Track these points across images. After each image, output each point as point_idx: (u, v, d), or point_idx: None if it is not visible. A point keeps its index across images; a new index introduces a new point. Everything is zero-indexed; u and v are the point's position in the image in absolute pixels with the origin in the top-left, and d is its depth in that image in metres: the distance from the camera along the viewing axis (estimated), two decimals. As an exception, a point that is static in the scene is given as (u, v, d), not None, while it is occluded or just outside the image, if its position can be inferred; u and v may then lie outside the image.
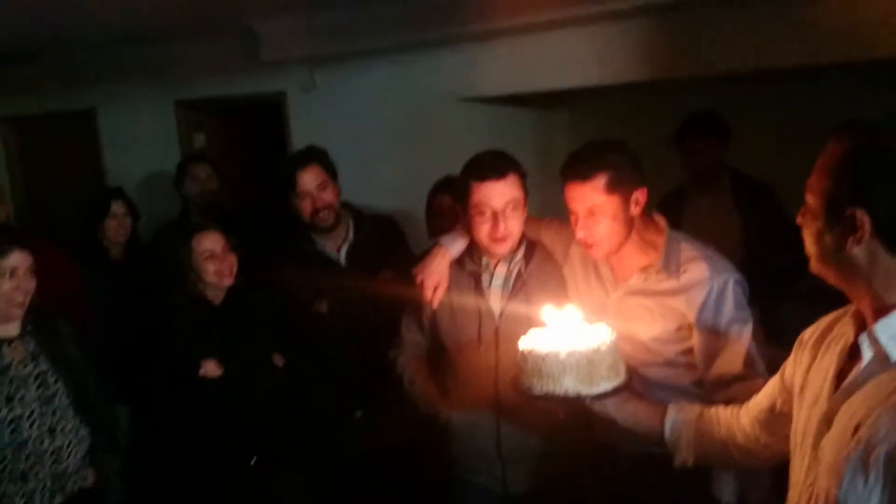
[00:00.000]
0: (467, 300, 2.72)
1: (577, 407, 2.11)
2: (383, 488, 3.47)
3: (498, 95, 4.49)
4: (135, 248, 4.22)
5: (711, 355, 2.32)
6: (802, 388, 1.66)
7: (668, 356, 2.47)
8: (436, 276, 2.73)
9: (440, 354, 2.85)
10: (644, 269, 2.48)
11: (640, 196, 2.42)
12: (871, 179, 1.38)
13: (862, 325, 1.51)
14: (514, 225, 2.60)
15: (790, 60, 3.59)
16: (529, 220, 2.74)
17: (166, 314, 3.22)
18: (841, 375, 1.52)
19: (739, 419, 1.97)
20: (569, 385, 2.02)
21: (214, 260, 3.18)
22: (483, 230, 2.60)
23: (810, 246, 1.53)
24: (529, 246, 2.75)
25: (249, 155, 5.92)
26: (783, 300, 3.69)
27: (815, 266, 1.55)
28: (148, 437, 3.44)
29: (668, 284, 2.43)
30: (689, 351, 2.43)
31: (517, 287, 2.66)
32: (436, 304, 2.74)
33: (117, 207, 4.12)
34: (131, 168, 5.69)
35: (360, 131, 4.84)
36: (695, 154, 3.98)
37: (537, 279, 2.64)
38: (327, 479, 3.43)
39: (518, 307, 2.62)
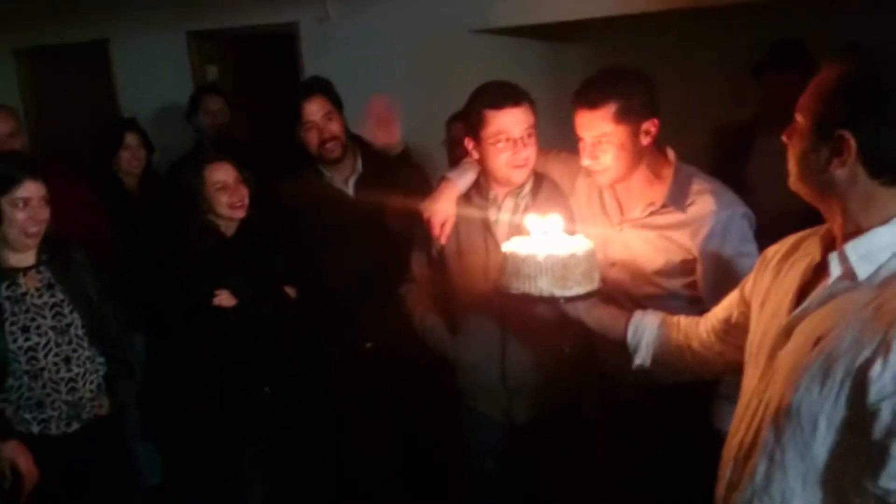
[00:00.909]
0: (475, 234, 2.73)
1: (550, 307, 2.25)
2: (392, 416, 3.52)
3: (511, 27, 4.43)
4: (150, 180, 4.22)
5: (715, 288, 2.30)
6: (763, 303, 1.74)
7: (671, 289, 2.49)
8: (443, 213, 2.74)
9: (448, 288, 2.86)
10: (650, 203, 2.48)
11: (650, 127, 2.41)
12: (860, 104, 1.41)
13: (830, 245, 1.57)
14: (531, 152, 2.61)
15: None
16: (539, 152, 2.72)
17: (180, 245, 3.24)
18: (802, 292, 1.60)
19: (697, 327, 2.08)
20: (543, 286, 2.17)
21: (226, 191, 3.18)
22: (502, 158, 2.59)
23: (793, 164, 1.57)
24: (537, 179, 2.74)
25: (262, 87, 5.88)
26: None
27: (793, 183, 1.59)
28: (163, 366, 3.49)
29: (674, 217, 2.43)
30: (693, 284, 2.44)
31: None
32: (443, 240, 2.75)
33: (131, 139, 4.11)
34: (144, 100, 5.66)
35: (374, 63, 4.80)
36: (774, 88, 3.65)
37: (545, 212, 2.60)
38: (338, 406, 3.49)
39: None
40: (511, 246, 2.26)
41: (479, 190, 2.77)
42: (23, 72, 6.51)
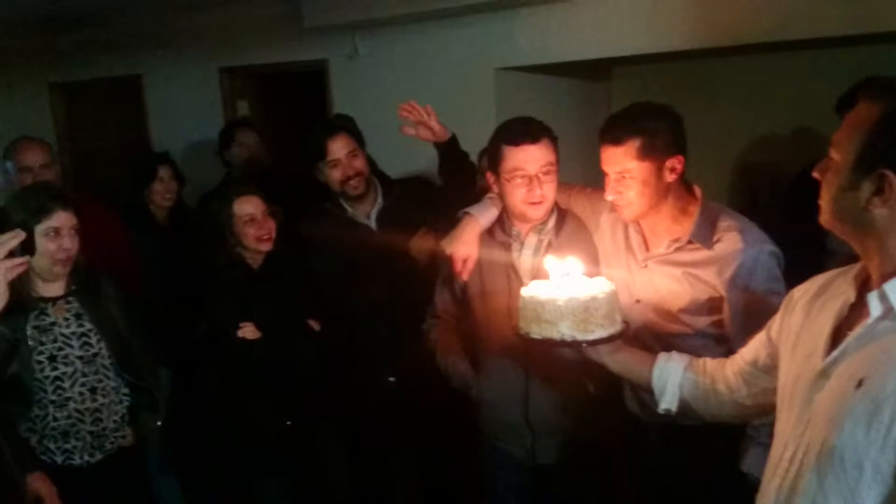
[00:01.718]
0: (498, 273, 2.71)
1: (572, 351, 2.19)
2: (414, 453, 3.51)
3: (538, 64, 4.45)
4: (180, 213, 4.27)
5: (743, 327, 2.27)
6: (794, 345, 1.70)
7: (697, 328, 2.46)
8: (465, 248, 2.72)
9: (471, 324, 2.85)
10: (676, 238, 2.46)
11: (675, 164, 2.40)
12: None
13: (866, 285, 1.55)
14: (548, 189, 2.60)
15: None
16: (561, 187, 2.73)
17: (206, 278, 3.26)
18: (837, 333, 1.56)
19: (724, 369, 2.03)
20: (565, 330, 2.12)
21: (254, 224, 3.21)
22: (518, 195, 2.60)
23: (827, 201, 1.55)
24: (560, 215, 2.74)
25: (292, 123, 5.94)
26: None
27: (827, 220, 1.57)
28: (188, 399, 3.50)
29: (700, 255, 2.41)
30: (720, 323, 2.41)
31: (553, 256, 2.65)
32: (465, 276, 2.74)
33: (164, 172, 4.17)
34: (176, 135, 5.76)
35: (402, 99, 4.81)
36: None
37: (568, 248, 2.60)
38: (360, 442, 3.48)
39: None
40: (531, 290, 2.23)
41: (503, 226, 2.76)
42: (56, 105, 6.63)
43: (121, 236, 3.84)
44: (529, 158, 2.57)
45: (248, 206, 3.22)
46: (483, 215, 2.79)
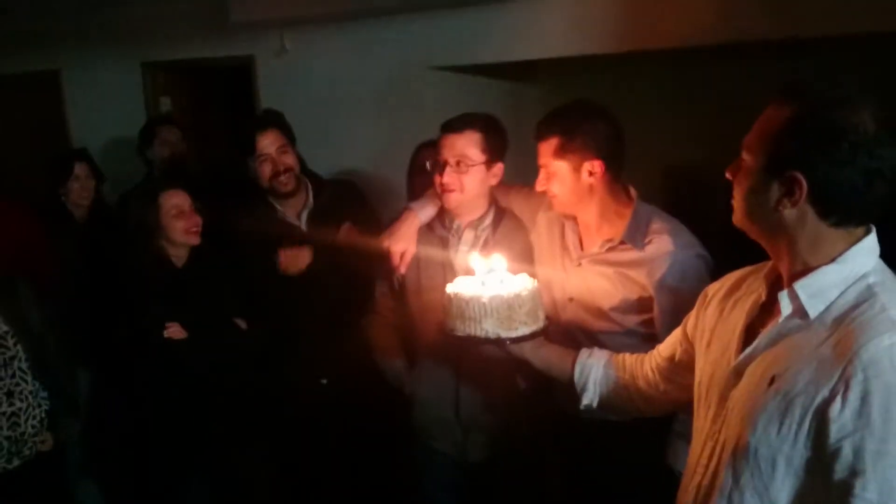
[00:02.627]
0: (434, 269, 2.72)
1: (496, 348, 2.22)
2: (348, 455, 3.46)
3: (470, 65, 4.44)
4: (99, 211, 4.15)
5: (671, 327, 2.30)
6: (709, 342, 1.75)
7: (627, 326, 2.49)
8: (403, 242, 2.74)
9: (407, 320, 2.85)
10: (609, 238, 2.49)
11: (593, 167, 2.43)
12: (813, 145, 1.43)
13: (776, 284, 1.59)
14: (463, 181, 2.64)
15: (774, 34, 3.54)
16: (502, 187, 2.78)
17: (130, 276, 3.17)
18: (749, 331, 1.61)
19: (643, 365, 2.08)
20: (489, 328, 2.16)
21: (182, 217, 3.15)
22: (436, 180, 2.67)
23: (739, 201, 1.59)
24: (498, 212, 2.77)
25: (216, 119, 5.83)
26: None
27: (739, 220, 1.61)
28: (109, 401, 3.40)
29: (631, 255, 2.44)
30: (649, 322, 2.44)
31: (483, 253, 2.63)
32: (402, 269, 2.75)
33: (80, 169, 4.05)
34: (96, 131, 5.57)
35: (331, 97, 4.77)
36: None
37: (504, 246, 2.62)
38: (292, 444, 3.41)
39: None
40: (455, 287, 2.25)
41: (443, 221, 2.79)
42: (-29, 102, 6.38)
43: (37, 236, 3.73)
44: (447, 145, 2.65)
45: (175, 199, 3.16)
46: (422, 210, 2.81)
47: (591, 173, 2.43)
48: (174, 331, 3.08)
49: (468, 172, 2.64)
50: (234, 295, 3.30)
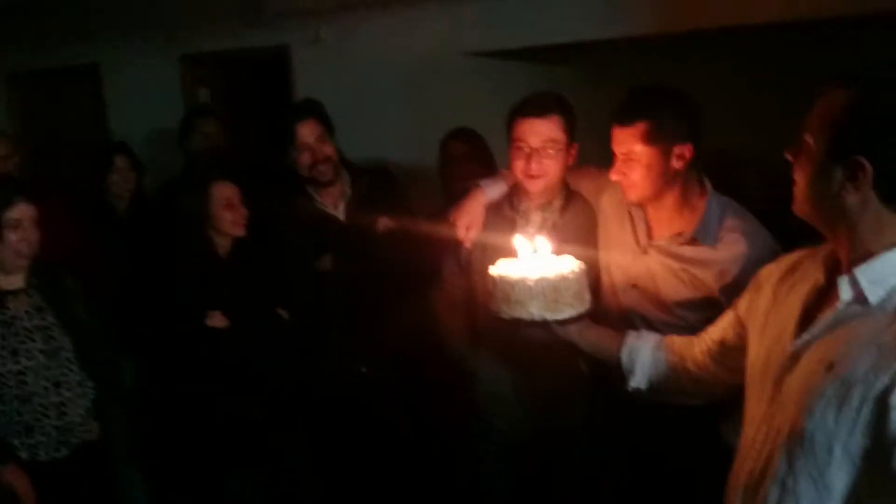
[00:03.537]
0: (500, 244, 2.62)
1: (541, 331, 2.20)
2: (387, 443, 3.48)
3: (503, 50, 4.42)
4: (140, 203, 4.18)
5: None
6: (763, 326, 1.72)
7: (691, 322, 2.37)
8: (469, 216, 2.72)
9: (473, 297, 2.81)
10: (679, 232, 2.41)
11: (683, 151, 2.33)
12: (876, 129, 1.40)
13: (835, 269, 1.57)
14: (549, 165, 2.57)
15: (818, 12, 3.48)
16: (575, 170, 2.72)
17: (174, 266, 3.22)
18: (806, 316, 1.58)
19: (692, 348, 2.06)
20: (535, 310, 2.13)
21: (231, 209, 3.20)
22: (518, 166, 2.60)
23: (802, 186, 1.56)
24: (568, 196, 2.73)
25: (254, 110, 5.87)
26: None
27: (800, 206, 1.58)
28: (154, 390, 3.45)
29: (701, 253, 2.36)
30: (712, 320, 2.36)
31: (550, 236, 2.53)
32: (468, 243, 2.73)
33: (121, 161, 4.08)
34: (135, 123, 5.62)
35: (365, 85, 4.79)
36: None
37: (571, 229, 2.60)
38: (332, 433, 3.43)
39: None
40: (500, 269, 2.22)
41: (511, 201, 2.75)
42: (14, 95, 6.48)
43: (80, 229, 3.77)
44: (533, 131, 2.55)
45: (226, 190, 3.22)
46: (491, 188, 2.79)
47: (679, 157, 2.33)
48: (217, 319, 3.13)
49: (555, 157, 2.58)
50: (276, 285, 3.33)
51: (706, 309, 2.34)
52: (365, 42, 4.77)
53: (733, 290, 2.23)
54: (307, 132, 3.31)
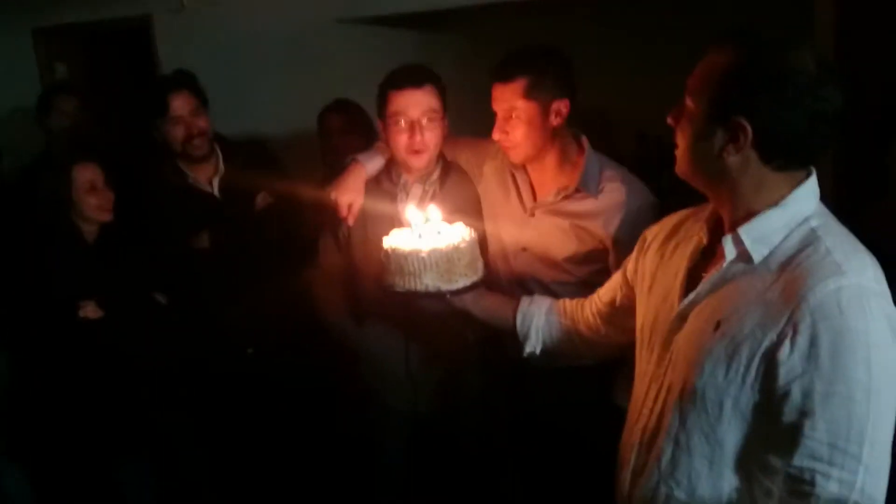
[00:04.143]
0: (382, 221, 2.61)
1: (436, 301, 2.19)
2: (276, 424, 3.40)
3: (378, 16, 4.34)
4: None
5: None
6: (650, 286, 1.77)
7: (580, 276, 2.49)
8: (350, 193, 2.66)
9: (354, 275, 2.78)
10: (563, 187, 2.47)
11: (560, 107, 2.41)
12: (758, 91, 1.42)
13: (717, 228, 1.61)
14: (430, 137, 2.55)
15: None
16: (448, 139, 2.69)
17: (40, 254, 3.04)
18: (691, 275, 1.63)
19: (583, 310, 2.11)
20: (429, 282, 2.12)
21: (95, 192, 3.03)
22: (400, 141, 2.55)
23: (683, 150, 1.57)
24: (445, 166, 2.71)
25: (116, 84, 5.59)
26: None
27: (683, 171, 1.60)
28: (29, 383, 3.27)
29: (586, 205, 2.44)
30: (603, 271, 2.42)
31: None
32: (351, 220, 2.67)
33: (-25, 145, 3.84)
34: (-11, 103, 5.31)
35: (236, 56, 4.62)
36: None
37: (452, 199, 2.58)
38: (219, 416, 3.33)
39: None
40: (392, 242, 2.19)
41: (389, 175, 2.71)
42: None
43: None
44: (412, 103, 2.51)
45: (87, 174, 3.04)
46: (370, 162, 2.73)
47: (557, 114, 2.40)
48: (90, 310, 2.97)
49: (435, 129, 2.55)
50: (150, 268, 3.17)
51: (595, 261, 2.47)
52: (234, 10, 4.60)
53: (618, 236, 2.37)
54: (180, 104, 3.17)
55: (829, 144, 1.47)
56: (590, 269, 2.47)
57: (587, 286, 2.35)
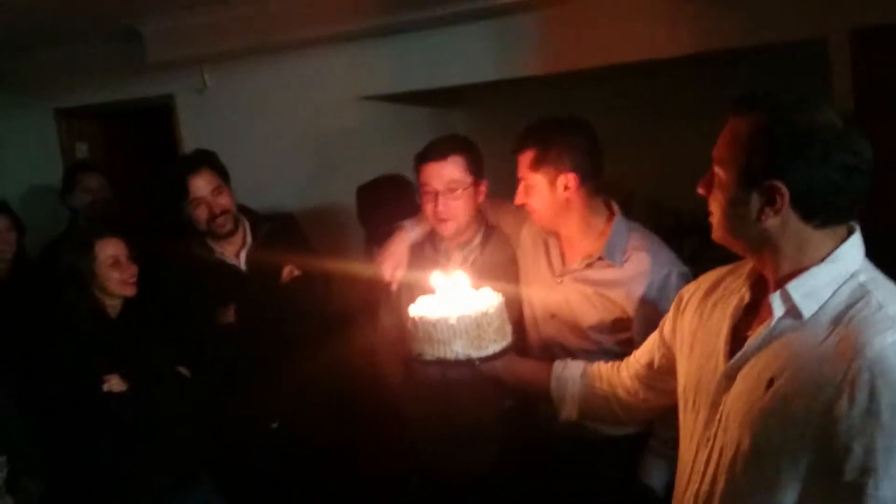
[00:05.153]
0: (423, 287, 2.64)
1: (467, 369, 2.16)
2: (304, 498, 3.35)
3: (396, 93, 4.41)
4: (23, 264, 3.96)
5: None
6: (692, 346, 1.73)
7: (605, 345, 2.47)
8: (395, 258, 2.74)
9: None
10: (588, 255, 2.48)
11: (569, 181, 2.41)
12: (785, 150, 1.43)
13: (759, 284, 1.60)
14: (456, 206, 2.64)
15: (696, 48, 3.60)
16: (493, 204, 2.79)
17: (60, 329, 3.02)
18: (735, 333, 1.60)
19: (620, 374, 2.07)
20: (459, 349, 2.09)
21: (118, 267, 3.01)
22: (428, 209, 2.66)
23: (719, 217, 1.57)
24: (487, 232, 2.78)
25: (138, 163, 5.66)
26: None
27: (720, 236, 1.59)
28: (54, 460, 3.23)
29: (610, 274, 2.44)
30: (627, 342, 2.41)
31: (471, 273, 2.57)
32: (395, 285, 2.72)
33: (1, 222, 3.87)
34: (13, 182, 5.37)
35: (257, 133, 4.69)
36: None
37: (491, 266, 2.63)
38: (245, 493, 3.27)
39: None
40: (419, 310, 2.18)
41: (433, 242, 2.79)
42: None
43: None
44: (434, 174, 2.63)
45: (110, 249, 3.02)
46: (414, 229, 2.81)
47: (566, 187, 2.42)
48: (114, 384, 2.93)
49: (460, 198, 2.65)
50: (174, 342, 3.16)
51: (620, 330, 2.45)
52: (255, 88, 4.68)
53: (641, 304, 2.36)
54: (201, 184, 3.19)
55: (864, 197, 1.47)
56: (615, 339, 2.46)
57: (612, 355, 2.33)
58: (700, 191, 1.60)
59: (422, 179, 2.66)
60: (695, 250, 2.52)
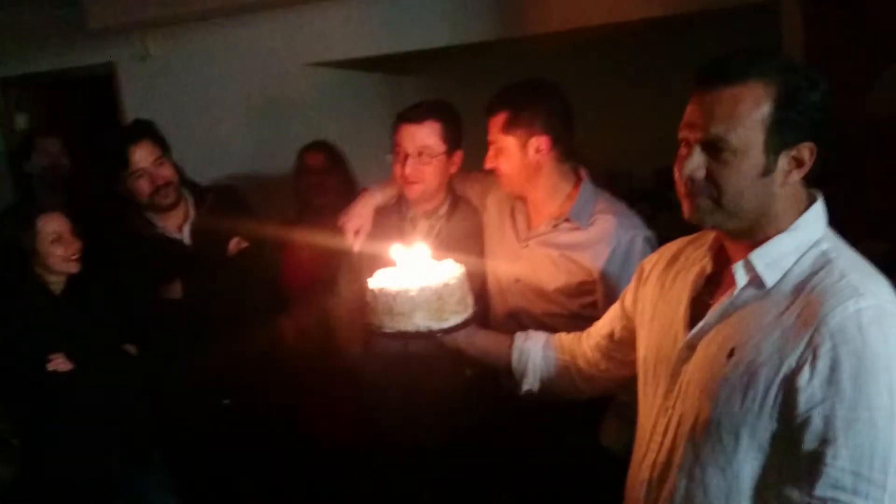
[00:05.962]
0: (386, 254, 2.62)
1: (428, 341, 2.16)
2: (258, 475, 3.31)
3: (346, 59, 4.33)
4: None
5: None
6: (652, 317, 1.73)
7: (571, 309, 2.47)
8: (357, 220, 2.72)
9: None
10: (554, 218, 2.48)
11: (540, 144, 2.41)
12: (815, 114, 1.43)
13: (721, 255, 1.59)
14: (424, 171, 2.63)
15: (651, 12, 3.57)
16: (462, 175, 2.79)
17: (4, 309, 2.93)
18: (696, 303, 1.60)
19: (581, 345, 2.06)
20: (420, 321, 2.05)
21: (61, 243, 2.93)
22: (397, 170, 2.66)
23: (737, 190, 1.46)
24: (454, 201, 2.78)
25: (81, 134, 5.50)
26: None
27: (736, 208, 1.48)
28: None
29: (576, 237, 2.44)
30: (593, 305, 2.42)
31: (436, 243, 2.60)
32: (357, 247, 2.70)
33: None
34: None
35: (202, 102, 4.58)
36: None
37: (457, 236, 2.64)
38: (198, 471, 3.24)
39: None
40: (378, 282, 2.12)
41: (399, 209, 2.78)
42: None
43: None
44: (407, 136, 2.63)
45: (53, 224, 2.93)
46: (380, 192, 2.80)
47: (537, 150, 2.42)
48: (59, 362, 2.86)
49: (430, 163, 2.63)
50: (119, 319, 3.09)
51: (586, 294, 2.46)
52: (199, 55, 4.57)
53: (606, 269, 2.37)
54: (142, 155, 3.07)
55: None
56: (581, 302, 2.46)
57: (579, 319, 2.34)
58: (699, 174, 1.48)
59: (396, 139, 2.65)
60: (647, 217, 2.51)
